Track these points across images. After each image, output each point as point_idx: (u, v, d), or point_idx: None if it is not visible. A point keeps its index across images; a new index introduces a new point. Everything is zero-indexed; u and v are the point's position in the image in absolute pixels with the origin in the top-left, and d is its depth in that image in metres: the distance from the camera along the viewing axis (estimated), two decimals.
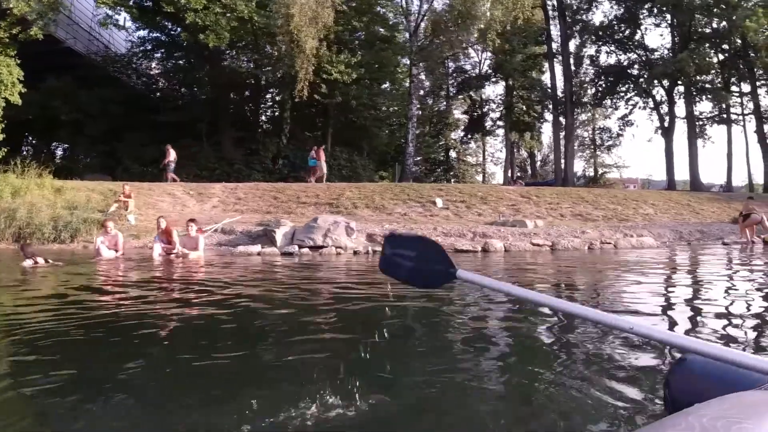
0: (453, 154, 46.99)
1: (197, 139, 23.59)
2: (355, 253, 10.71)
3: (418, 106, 37.08)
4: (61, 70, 24.53)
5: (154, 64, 28.28)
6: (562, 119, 27.32)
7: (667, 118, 29.13)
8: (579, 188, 21.55)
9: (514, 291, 1.39)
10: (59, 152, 30.26)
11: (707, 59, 25.18)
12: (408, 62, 25.02)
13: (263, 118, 25.29)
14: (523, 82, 31.09)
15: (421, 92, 42.80)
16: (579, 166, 51.97)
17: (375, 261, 9.29)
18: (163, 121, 23.26)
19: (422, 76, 40.72)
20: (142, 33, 25.60)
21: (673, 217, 19.37)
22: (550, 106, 29.40)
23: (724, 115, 29.02)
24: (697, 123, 29.27)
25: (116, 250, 10.25)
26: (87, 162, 24.26)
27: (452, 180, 41.52)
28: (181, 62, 25.22)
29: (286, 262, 8.91)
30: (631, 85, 30.15)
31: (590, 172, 49.02)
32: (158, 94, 25.08)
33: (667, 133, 28.69)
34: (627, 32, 29.80)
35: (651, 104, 30.38)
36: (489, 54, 31.29)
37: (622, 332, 1.94)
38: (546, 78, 31.15)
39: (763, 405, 0.68)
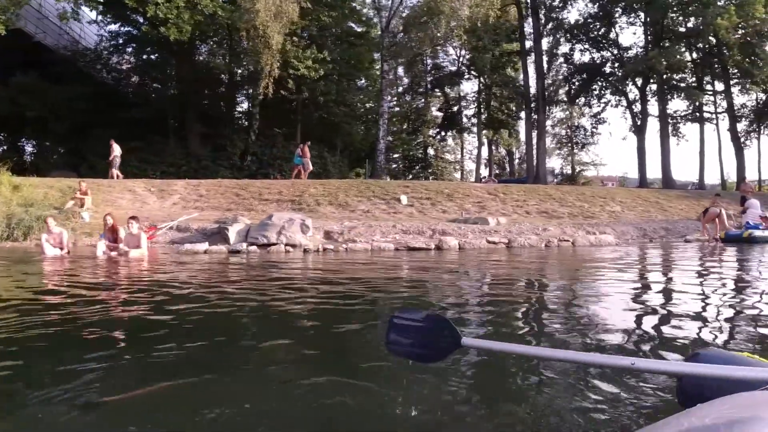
0: (431, 151, 46.84)
1: (165, 136, 23.17)
2: (306, 251, 10.54)
3: (392, 102, 37.04)
4: (31, 66, 23.97)
5: (124, 59, 27.67)
6: (534, 116, 27.24)
7: (639, 117, 29.19)
8: (547, 186, 21.56)
9: (520, 350, 1.48)
10: (29, 149, 29.54)
11: (678, 57, 25.23)
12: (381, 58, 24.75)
13: (232, 114, 24.80)
14: (496, 79, 31.05)
15: (400, 89, 42.88)
16: (557, 163, 52.33)
17: (326, 258, 9.14)
18: (131, 117, 22.80)
19: (400, 72, 40.92)
20: (114, 27, 24.98)
21: (640, 214, 19.44)
22: (523, 104, 29.36)
23: (697, 114, 29.22)
24: (670, 121, 29.46)
25: (61, 248, 10.12)
26: (54, 159, 23.66)
27: (430, 177, 41.39)
28: (152, 57, 24.67)
29: (230, 260, 8.76)
30: (605, 84, 30.23)
31: (568, 170, 49.41)
32: (128, 89, 24.47)
33: (640, 131, 28.87)
34: (602, 30, 29.87)
35: (624, 102, 30.50)
36: (464, 51, 31.17)
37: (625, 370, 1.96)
38: (521, 76, 30.99)
39: (765, 406, 0.67)
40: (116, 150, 18.77)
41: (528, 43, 28.00)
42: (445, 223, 14.13)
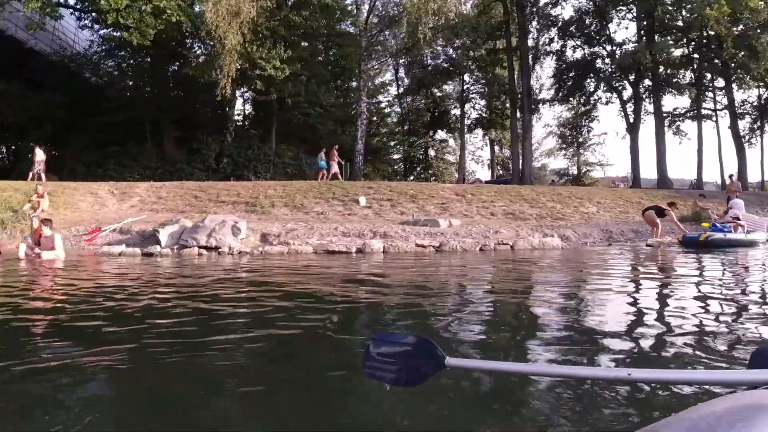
0: (432, 152, 46.33)
1: (142, 140, 23.27)
2: (220, 253, 10.26)
3: (383, 103, 36.74)
4: (17, 72, 24.26)
5: (115, 63, 27.81)
6: (520, 115, 26.56)
7: (632, 114, 28.27)
8: (523, 186, 21.10)
9: (508, 367, 1.50)
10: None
11: (665, 51, 24.23)
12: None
13: (206, 116, 24.78)
14: (480, 77, 30.42)
15: (401, 89, 42.44)
16: (562, 164, 51.24)
17: (227, 262, 8.99)
18: (109, 121, 22.95)
19: (401, 73, 40.59)
20: (106, 31, 25.09)
21: (616, 215, 18.86)
22: (507, 103, 28.70)
23: (695, 111, 28.15)
24: (668, 118, 28.47)
25: None
26: (31, 163, 23.93)
27: (431, 179, 40.91)
28: (131, 61, 24.82)
29: (137, 262, 8.89)
30: (597, 81, 29.36)
31: (574, 171, 48.40)
32: (112, 93, 24.62)
33: (633, 129, 27.92)
34: (594, 26, 29.04)
35: (617, 100, 29.61)
36: (448, 49, 30.67)
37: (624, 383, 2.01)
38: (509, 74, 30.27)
39: (764, 404, 0.67)
40: (38, 155, 19.21)
41: (514, 41, 27.30)
42: (393, 225, 13.78)
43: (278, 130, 23.47)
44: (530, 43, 27.77)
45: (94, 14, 18.83)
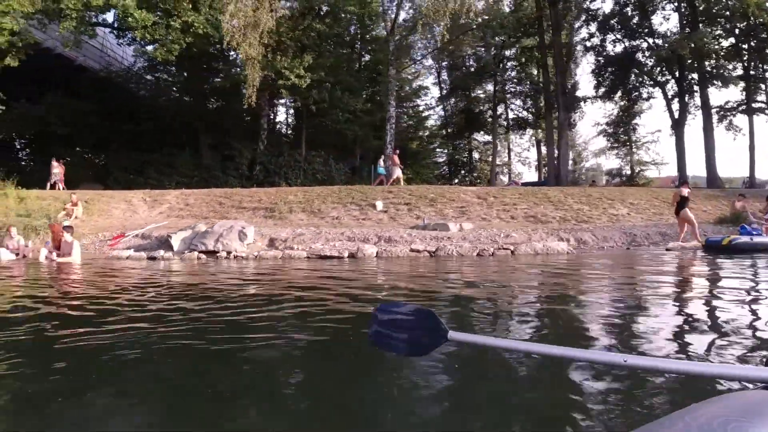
0: (476, 155, 45.74)
1: (180, 148, 24.38)
2: (217, 258, 10.69)
3: (420, 106, 36.61)
4: (65, 86, 25.99)
5: (152, 77, 29.32)
6: (555, 115, 25.76)
7: (678, 110, 26.81)
8: (551, 188, 20.53)
9: (505, 344, 1.51)
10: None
11: (705, 41, 22.78)
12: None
13: (240, 125, 25.61)
14: (513, 77, 29.72)
15: (444, 92, 42.16)
16: (614, 164, 49.19)
17: (218, 267, 9.33)
18: (149, 130, 24.21)
19: (444, 75, 40.37)
20: (137, 47, 26.62)
21: (649, 217, 18.06)
22: (541, 102, 27.87)
23: (746, 104, 26.34)
24: (718, 113, 26.81)
25: (17, 254, 11.64)
26: (78, 172, 25.60)
27: (476, 182, 40.41)
28: (167, 75, 26.11)
29: (135, 266, 9.29)
30: (640, 75, 28.00)
31: (627, 171, 46.41)
32: (152, 104, 25.97)
33: (678, 125, 26.46)
34: (636, 19, 27.76)
35: (661, 95, 28.18)
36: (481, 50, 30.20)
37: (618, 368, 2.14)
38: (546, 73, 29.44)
39: (758, 404, 0.69)
40: (54, 168, 20.76)
41: (548, 38, 26.56)
42: (401, 229, 13.74)
43: (308, 136, 23.98)
44: (565, 39, 26.94)
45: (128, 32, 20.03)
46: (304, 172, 23.06)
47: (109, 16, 21.92)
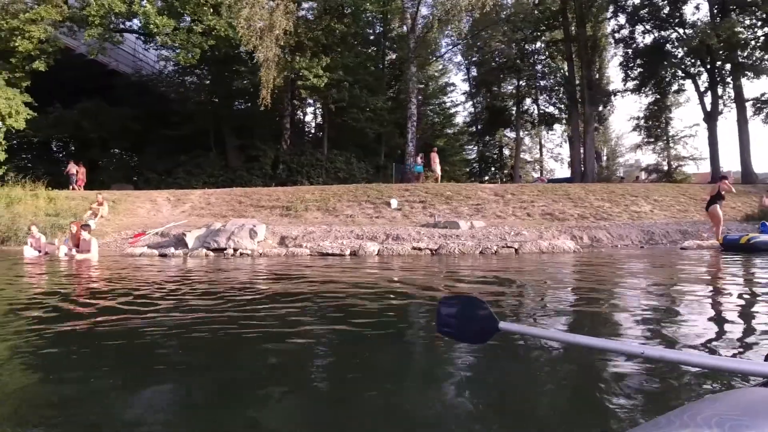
0: (506, 151, 45.09)
1: (206, 149, 25.01)
2: (225, 255, 10.95)
3: (447, 102, 36.34)
4: (99, 91, 26.99)
5: (180, 80, 30.08)
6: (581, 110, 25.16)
7: (710, 103, 25.76)
8: (572, 185, 20.17)
9: (556, 336, 1.64)
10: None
11: (736, 31, 21.77)
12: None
13: (263, 125, 26.02)
14: (536, 72, 29.11)
15: (473, 89, 41.75)
16: (651, 159, 47.72)
17: (220, 264, 9.56)
18: (177, 133, 24.92)
19: (474, 72, 39.93)
20: (160, 52, 27.32)
21: (673, 214, 17.58)
22: (565, 96, 27.22)
23: None
24: (755, 105, 25.66)
25: (39, 251, 12.15)
26: (111, 173, 26.58)
27: (505, 179, 39.87)
28: (194, 77, 26.82)
29: (146, 262, 9.56)
30: (670, 67, 26.98)
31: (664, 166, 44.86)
32: (181, 107, 26.69)
33: (710, 118, 25.45)
34: (666, 9, 26.79)
35: (692, 87, 27.12)
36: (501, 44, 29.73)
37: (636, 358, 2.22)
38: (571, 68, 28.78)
39: (757, 402, 0.70)
40: (71, 169, 21.73)
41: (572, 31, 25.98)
42: (411, 227, 13.75)
43: (331, 135, 24.25)
44: (590, 32, 26.27)
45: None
46: (326, 170, 23.30)
47: (136, 22, 22.66)
